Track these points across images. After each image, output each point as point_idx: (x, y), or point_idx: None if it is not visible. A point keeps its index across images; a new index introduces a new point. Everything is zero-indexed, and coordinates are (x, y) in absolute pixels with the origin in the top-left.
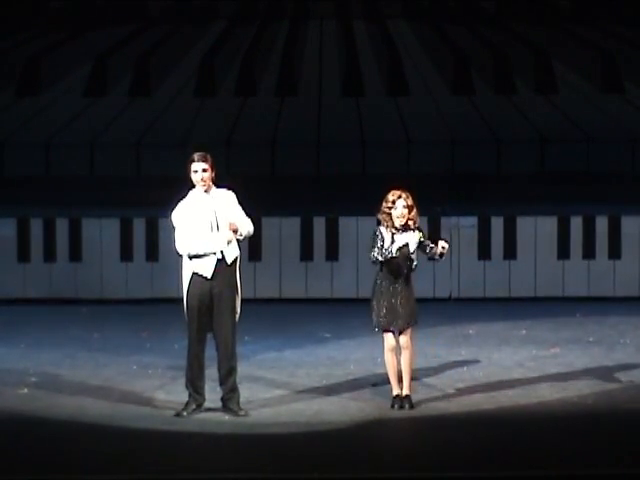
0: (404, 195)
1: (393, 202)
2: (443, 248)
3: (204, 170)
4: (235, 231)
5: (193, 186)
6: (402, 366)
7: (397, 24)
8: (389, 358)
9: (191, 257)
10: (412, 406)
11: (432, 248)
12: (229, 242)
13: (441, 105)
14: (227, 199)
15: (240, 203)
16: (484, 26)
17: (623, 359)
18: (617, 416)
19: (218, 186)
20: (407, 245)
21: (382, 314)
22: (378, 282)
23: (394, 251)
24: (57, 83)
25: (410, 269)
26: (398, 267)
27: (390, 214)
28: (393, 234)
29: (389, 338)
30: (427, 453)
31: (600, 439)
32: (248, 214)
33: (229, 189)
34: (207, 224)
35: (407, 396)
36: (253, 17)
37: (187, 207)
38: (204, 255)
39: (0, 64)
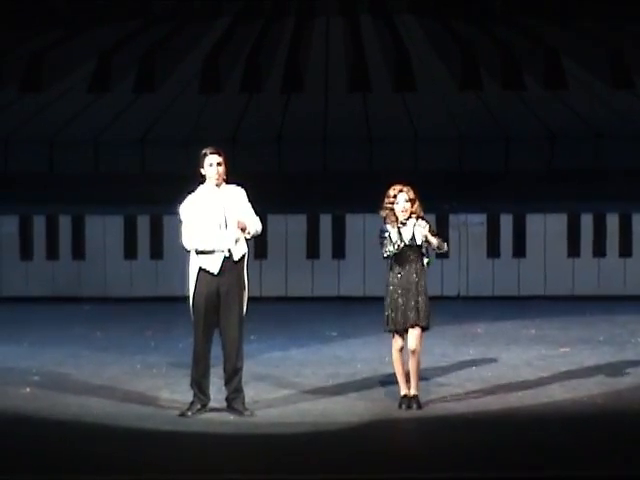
0: (405, 189)
1: (394, 197)
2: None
3: (219, 164)
4: (243, 229)
5: (202, 182)
6: (410, 368)
7: (404, 19)
8: (397, 358)
9: (198, 253)
10: (420, 406)
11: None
12: (237, 240)
13: (449, 101)
14: (237, 196)
15: (250, 201)
16: (492, 22)
17: (633, 358)
18: (627, 416)
19: (228, 183)
20: (414, 237)
21: (394, 316)
22: (390, 284)
23: (406, 240)
24: (61, 80)
25: (422, 264)
26: (409, 256)
27: (393, 209)
28: (399, 228)
29: (398, 338)
30: (435, 454)
31: (610, 439)
32: (256, 212)
33: (239, 185)
34: (216, 221)
35: (415, 396)
36: (259, 13)
37: (196, 202)
38: (211, 252)
39: (3, 60)
